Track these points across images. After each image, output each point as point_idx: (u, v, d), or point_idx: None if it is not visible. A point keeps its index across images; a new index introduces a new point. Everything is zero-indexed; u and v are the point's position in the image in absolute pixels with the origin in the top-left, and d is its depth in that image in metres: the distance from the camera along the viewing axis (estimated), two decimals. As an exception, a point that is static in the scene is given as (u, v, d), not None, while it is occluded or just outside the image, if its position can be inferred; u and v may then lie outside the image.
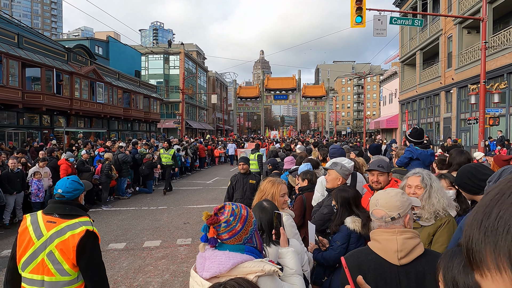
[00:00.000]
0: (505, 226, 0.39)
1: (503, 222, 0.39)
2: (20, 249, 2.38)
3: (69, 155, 9.79)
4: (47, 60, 20.25)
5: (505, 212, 0.40)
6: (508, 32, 17.68)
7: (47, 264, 2.33)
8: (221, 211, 1.70)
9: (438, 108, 27.02)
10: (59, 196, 2.51)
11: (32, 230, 2.38)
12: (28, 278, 2.35)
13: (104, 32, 40.98)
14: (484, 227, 0.41)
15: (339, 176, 3.51)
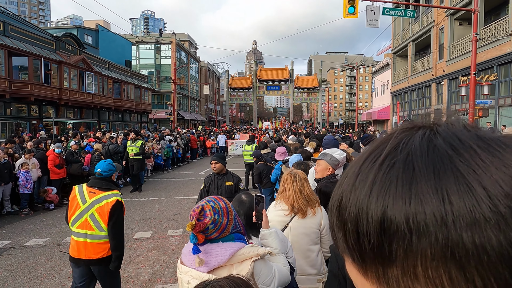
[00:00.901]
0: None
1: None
2: (70, 211, 3.34)
3: (56, 146, 9.64)
4: (34, 48, 19.79)
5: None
6: (499, 24, 17.79)
7: (89, 222, 3.29)
8: (202, 214, 1.66)
9: (429, 99, 27.24)
10: (98, 174, 3.46)
11: (79, 197, 3.33)
12: (76, 231, 3.33)
13: (94, 21, 40.15)
14: (330, 209, 0.42)
15: (329, 166, 3.51)
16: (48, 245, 6.43)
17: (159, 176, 15.02)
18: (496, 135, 0.36)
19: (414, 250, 0.32)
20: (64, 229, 7.43)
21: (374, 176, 0.36)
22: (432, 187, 0.32)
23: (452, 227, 0.30)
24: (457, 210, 0.31)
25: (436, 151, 0.34)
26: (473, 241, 0.30)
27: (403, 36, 31.42)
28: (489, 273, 0.29)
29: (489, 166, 0.32)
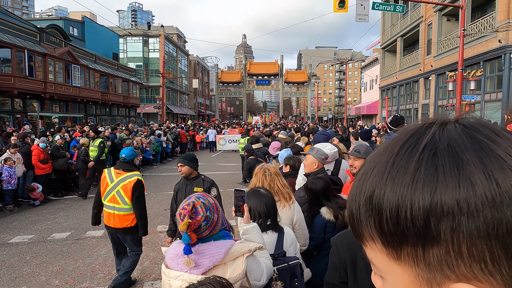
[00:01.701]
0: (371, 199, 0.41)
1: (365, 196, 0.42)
2: (102, 188, 4.22)
3: (41, 140, 9.40)
4: (17, 40, 19.23)
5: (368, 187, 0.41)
6: (485, 20, 18.03)
7: (116, 197, 4.10)
8: (194, 211, 1.61)
9: (417, 94, 27.56)
10: (123, 158, 4.31)
11: (108, 177, 4.20)
12: (107, 204, 4.18)
13: (79, 12, 39.22)
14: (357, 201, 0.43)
15: (315, 161, 3.51)
16: (33, 242, 6.29)
17: (148, 171, 14.85)
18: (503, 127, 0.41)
19: (461, 229, 0.34)
20: (50, 225, 7.28)
21: (416, 165, 0.38)
22: (480, 171, 0.35)
23: (499, 206, 0.33)
24: (504, 190, 0.33)
25: (475, 140, 0.37)
26: (497, 221, 0.33)
27: (392, 31, 31.63)
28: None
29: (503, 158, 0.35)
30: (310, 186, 2.94)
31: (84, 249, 5.91)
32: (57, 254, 5.70)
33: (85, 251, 5.81)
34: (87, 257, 5.57)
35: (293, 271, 2.06)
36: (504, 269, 0.34)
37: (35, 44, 21.00)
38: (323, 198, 2.86)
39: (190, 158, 4.16)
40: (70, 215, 8.10)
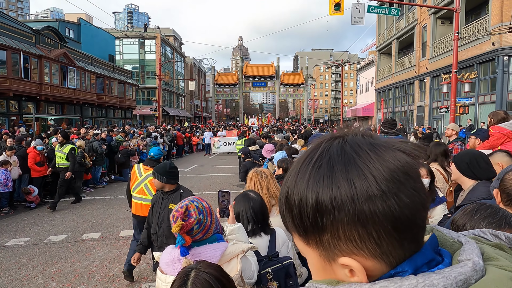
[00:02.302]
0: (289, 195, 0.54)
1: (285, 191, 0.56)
2: (132, 181, 4.66)
3: (37, 143, 9.38)
4: (13, 42, 19.15)
5: (289, 185, 0.54)
6: (479, 23, 18.25)
7: (144, 189, 4.56)
8: (187, 214, 1.64)
9: (412, 96, 27.77)
10: (151, 157, 4.75)
11: (137, 172, 4.65)
12: (136, 196, 4.61)
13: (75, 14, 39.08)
14: (282, 201, 0.56)
15: None
16: (30, 245, 6.28)
17: (144, 173, 14.86)
18: (381, 140, 0.53)
19: (336, 220, 0.49)
20: (46, 228, 7.27)
21: (309, 175, 0.52)
22: (344, 178, 0.49)
23: (357, 202, 0.47)
24: (359, 191, 0.47)
25: (346, 154, 0.51)
26: (369, 209, 0.47)
27: (387, 33, 31.87)
28: (379, 227, 0.47)
29: (375, 162, 0.49)
30: None
31: (81, 252, 5.91)
32: (54, 257, 5.70)
33: (82, 254, 5.81)
34: (84, 259, 5.57)
35: (287, 270, 2.10)
36: (370, 245, 0.48)
37: (31, 46, 20.93)
38: None
39: (162, 170, 3.52)
40: (67, 217, 8.09)
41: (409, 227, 0.49)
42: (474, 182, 2.47)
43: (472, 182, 2.47)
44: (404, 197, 0.48)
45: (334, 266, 0.52)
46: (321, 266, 0.54)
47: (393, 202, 0.47)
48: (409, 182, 0.49)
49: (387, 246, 0.48)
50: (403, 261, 0.49)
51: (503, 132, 4.03)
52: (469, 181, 2.48)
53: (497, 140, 4.07)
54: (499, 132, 4.07)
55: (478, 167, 2.44)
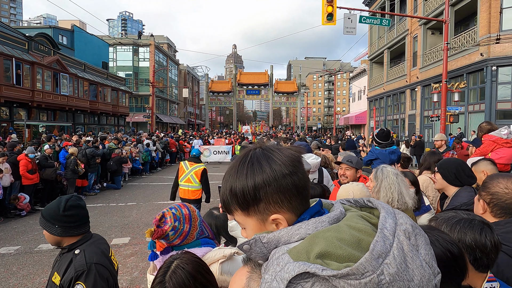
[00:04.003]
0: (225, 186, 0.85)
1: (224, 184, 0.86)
2: (180, 174, 6.14)
3: (30, 150, 9.29)
4: (5, 48, 19.04)
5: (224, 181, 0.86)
6: (468, 34, 18.68)
7: (190, 179, 6.06)
8: (163, 221, 1.70)
9: (403, 105, 28.14)
10: (193, 155, 6.38)
11: (184, 166, 6.17)
12: (183, 184, 6.11)
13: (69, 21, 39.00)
14: (225, 193, 0.85)
15: None
16: (20, 253, 6.19)
17: (137, 181, 14.75)
18: (278, 147, 0.86)
19: (267, 192, 0.79)
20: (37, 236, 7.17)
21: (246, 170, 0.81)
22: (268, 166, 0.80)
23: (277, 179, 0.78)
24: (278, 172, 0.79)
25: (265, 154, 0.82)
26: (284, 182, 0.79)
27: (379, 43, 32.39)
28: (291, 192, 0.79)
29: (282, 156, 0.82)
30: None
31: (72, 260, 5.84)
32: (44, 265, 5.63)
33: (73, 262, 5.75)
34: (76, 268, 5.51)
35: None
36: (286, 204, 0.80)
37: (23, 53, 20.81)
38: None
39: (52, 215, 2.06)
40: (58, 225, 7.99)
41: (304, 191, 0.83)
42: (457, 188, 2.55)
43: (456, 188, 2.55)
44: (299, 174, 0.82)
45: (266, 225, 0.82)
46: (258, 227, 0.83)
47: (295, 177, 0.80)
48: (300, 165, 0.83)
49: (295, 203, 0.81)
50: (303, 212, 0.82)
51: (492, 139, 4.17)
52: (453, 188, 2.56)
53: (486, 147, 4.20)
54: (488, 139, 4.21)
55: (465, 175, 2.52)
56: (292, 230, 0.76)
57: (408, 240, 0.70)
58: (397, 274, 0.65)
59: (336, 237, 0.70)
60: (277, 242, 0.76)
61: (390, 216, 0.74)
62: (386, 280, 0.64)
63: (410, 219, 0.75)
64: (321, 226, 0.75)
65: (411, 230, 0.72)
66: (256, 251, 0.79)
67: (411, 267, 0.67)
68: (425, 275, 0.68)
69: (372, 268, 0.64)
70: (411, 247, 0.69)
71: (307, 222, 0.77)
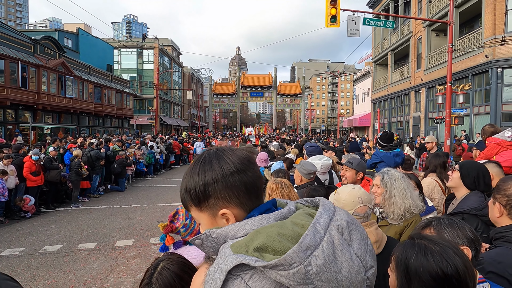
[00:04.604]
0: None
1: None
2: None
3: (34, 153, 9.35)
4: (11, 51, 19.22)
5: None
6: (472, 36, 18.58)
7: None
8: (176, 218, 1.77)
9: (408, 107, 28.02)
10: None
11: None
12: None
13: (74, 24, 39.39)
14: (182, 191, 0.92)
15: (299, 175, 3.61)
16: (24, 255, 6.22)
17: (141, 183, 14.79)
18: (232, 148, 0.92)
19: (216, 188, 0.84)
20: (41, 238, 7.21)
21: (199, 169, 0.88)
22: (218, 165, 0.86)
23: (225, 176, 0.84)
24: (226, 170, 0.85)
25: (217, 155, 0.89)
26: (232, 179, 0.84)
27: (383, 45, 32.30)
28: (238, 189, 0.85)
29: (232, 156, 0.88)
30: (312, 193, 3.02)
31: (76, 262, 5.87)
32: (48, 267, 5.65)
33: (77, 264, 5.77)
34: (79, 270, 5.53)
35: None
36: (234, 199, 0.85)
37: (29, 56, 21.00)
38: None
39: None
40: (62, 227, 8.04)
41: (254, 188, 0.87)
42: (468, 192, 2.51)
43: (467, 191, 2.51)
44: (249, 172, 0.87)
45: (217, 219, 0.87)
46: (210, 222, 0.88)
47: (244, 175, 0.86)
48: (251, 165, 0.89)
49: (244, 199, 0.86)
50: (253, 209, 0.86)
51: (496, 142, 4.11)
52: (465, 191, 2.52)
53: (491, 150, 4.15)
54: (492, 142, 4.16)
55: (483, 182, 2.47)
56: (239, 225, 0.81)
57: (341, 235, 0.76)
58: (324, 266, 0.70)
59: (277, 232, 0.75)
60: (225, 237, 0.81)
61: (326, 212, 0.80)
62: (314, 271, 0.69)
63: (348, 216, 0.81)
64: (266, 222, 0.80)
65: (345, 226, 0.78)
66: (207, 245, 0.83)
67: (340, 260, 0.72)
68: (354, 268, 0.73)
69: (299, 259, 0.69)
70: (342, 241, 0.75)
71: (254, 218, 0.82)
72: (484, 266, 1.57)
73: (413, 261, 1.05)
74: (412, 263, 1.05)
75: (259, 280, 0.72)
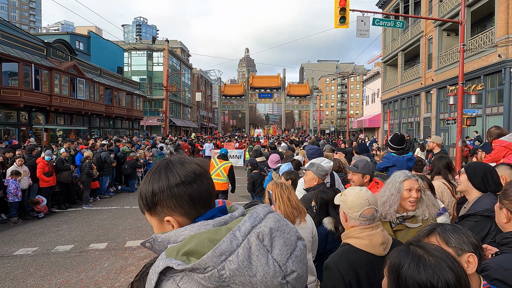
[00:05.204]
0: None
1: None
2: (210, 169, 6.63)
3: (47, 154, 9.52)
4: (25, 54, 19.61)
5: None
6: (485, 35, 18.27)
7: (219, 173, 7.42)
8: None
9: (418, 108, 27.68)
10: (222, 154, 7.85)
11: (214, 162, 7.63)
12: (213, 178, 5.62)
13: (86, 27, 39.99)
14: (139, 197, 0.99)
15: (315, 177, 3.58)
16: (37, 255, 6.34)
17: (151, 184, 14.91)
18: (186, 159, 0.98)
19: (161, 197, 0.91)
20: (53, 238, 7.33)
21: (151, 178, 0.94)
22: (165, 176, 0.92)
23: (171, 187, 0.91)
24: (171, 181, 0.91)
25: (168, 166, 0.94)
26: (177, 190, 0.91)
27: (393, 45, 31.99)
28: (183, 199, 0.91)
29: (181, 169, 0.93)
30: (321, 195, 2.99)
31: (87, 262, 5.95)
32: (60, 267, 5.75)
33: (88, 264, 5.85)
34: (90, 269, 5.61)
35: None
36: (178, 208, 0.91)
37: (42, 58, 21.40)
38: (331, 207, 2.91)
39: None
40: (74, 227, 8.16)
41: (199, 199, 0.92)
42: (479, 194, 2.47)
43: (479, 193, 2.47)
44: (195, 185, 0.92)
45: (164, 225, 0.93)
46: (159, 227, 0.95)
47: (188, 187, 0.91)
48: (197, 177, 0.93)
49: (188, 209, 0.91)
50: (198, 216, 0.92)
51: (503, 145, 4.02)
52: (476, 193, 2.48)
53: (498, 153, 4.06)
54: (499, 145, 4.06)
55: (492, 181, 2.44)
56: (179, 231, 0.87)
57: (260, 242, 0.80)
58: (237, 270, 0.76)
59: (209, 237, 0.80)
60: (167, 241, 0.88)
61: (251, 220, 0.84)
62: (227, 274, 0.76)
63: (275, 224, 0.85)
64: (204, 228, 0.86)
65: (266, 233, 0.82)
66: (156, 248, 0.91)
67: (255, 265, 0.78)
68: (269, 272, 0.78)
69: (213, 264, 0.76)
70: (261, 247, 0.80)
71: (193, 224, 0.88)
72: (489, 273, 1.54)
73: (404, 270, 1.03)
74: (403, 272, 1.02)
75: (188, 282, 0.78)
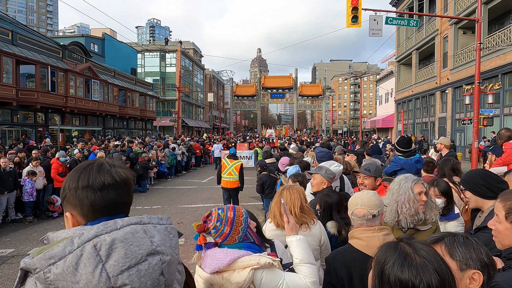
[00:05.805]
0: None
1: None
2: (222, 169, 8.21)
3: (61, 154, 9.73)
4: (41, 57, 20.10)
5: None
6: (502, 33, 17.78)
7: (231, 172, 8.09)
8: (209, 218, 1.83)
9: (433, 108, 27.15)
10: (232, 154, 8.80)
11: (225, 162, 8.26)
12: (225, 176, 8.13)
13: (100, 29, 40.74)
14: None
15: (324, 180, 3.50)
16: (51, 254, 6.46)
17: (163, 184, 15.06)
18: (104, 167, 1.03)
19: (67, 195, 1.01)
20: (67, 237, 7.46)
21: (71, 174, 1.03)
22: (70, 179, 1.02)
23: (76, 188, 1.00)
24: (70, 184, 1.01)
25: (79, 169, 1.04)
26: (79, 193, 0.99)
27: (407, 44, 31.47)
28: (82, 202, 1.00)
29: (86, 175, 1.01)
30: (325, 198, 2.96)
31: (98, 262, 6.02)
32: (73, 266, 5.83)
33: (100, 264, 5.92)
34: (102, 269, 5.68)
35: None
36: (78, 209, 0.99)
37: (58, 61, 21.89)
38: (335, 211, 2.88)
39: None
40: (87, 227, 8.29)
41: (100, 207, 0.97)
42: (492, 202, 2.38)
43: (492, 202, 2.38)
44: (99, 193, 0.97)
45: (68, 219, 1.00)
46: (65, 219, 1.02)
47: (92, 194, 0.96)
48: (106, 188, 0.98)
49: (87, 213, 0.97)
50: (94, 220, 0.96)
51: None
52: (488, 202, 2.39)
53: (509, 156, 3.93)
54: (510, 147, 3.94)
55: (495, 183, 2.35)
56: (59, 232, 0.93)
57: (96, 251, 0.84)
58: (61, 275, 0.81)
59: (64, 242, 0.86)
60: (52, 240, 0.94)
61: (99, 228, 0.89)
62: (51, 278, 0.82)
63: (125, 234, 0.90)
64: (78, 232, 0.90)
65: (106, 243, 0.86)
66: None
67: (81, 272, 0.82)
68: (93, 282, 0.81)
69: (41, 266, 0.83)
70: (92, 256, 0.83)
71: (71, 228, 0.94)
72: None
73: (388, 267, 1.00)
74: (387, 269, 1.00)
75: (34, 280, 0.86)
